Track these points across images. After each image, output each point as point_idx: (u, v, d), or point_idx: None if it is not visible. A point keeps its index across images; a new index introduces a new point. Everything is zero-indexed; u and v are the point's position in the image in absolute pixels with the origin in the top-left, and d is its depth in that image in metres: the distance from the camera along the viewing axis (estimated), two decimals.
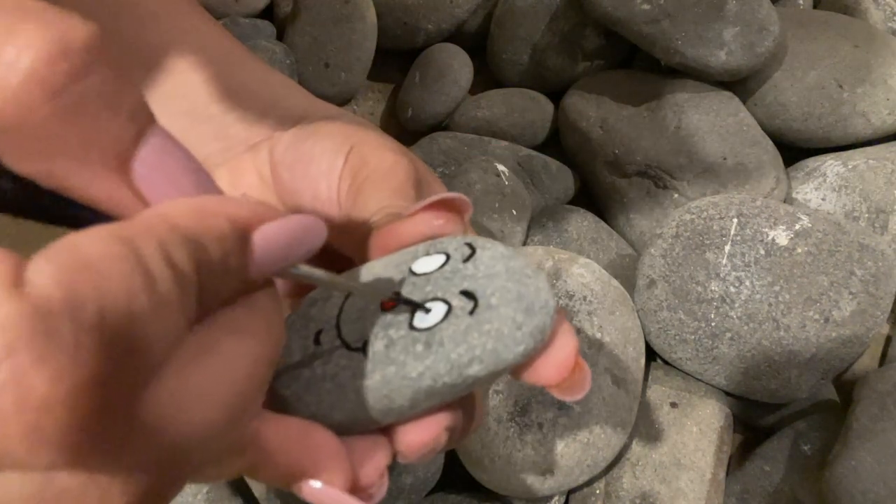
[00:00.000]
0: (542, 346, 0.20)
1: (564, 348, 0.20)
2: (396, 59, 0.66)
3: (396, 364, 0.19)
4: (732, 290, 0.46)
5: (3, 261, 0.12)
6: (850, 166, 0.55)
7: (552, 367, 0.20)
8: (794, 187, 0.56)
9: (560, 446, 0.41)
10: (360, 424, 0.20)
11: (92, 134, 0.15)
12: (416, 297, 0.20)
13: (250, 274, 0.17)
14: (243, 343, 0.16)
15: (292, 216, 0.17)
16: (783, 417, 0.49)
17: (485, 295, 0.20)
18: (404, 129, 0.63)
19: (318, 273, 0.19)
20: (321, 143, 0.28)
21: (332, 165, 0.28)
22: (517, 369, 0.20)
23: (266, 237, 0.17)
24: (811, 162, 0.57)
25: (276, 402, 0.21)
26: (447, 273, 0.21)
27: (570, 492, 0.45)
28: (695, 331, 0.46)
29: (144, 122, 0.17)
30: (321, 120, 0.30)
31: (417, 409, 0.20)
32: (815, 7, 0.68)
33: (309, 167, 0.28)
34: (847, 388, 0.49)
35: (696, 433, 0.45)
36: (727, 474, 0.47)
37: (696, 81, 0.56)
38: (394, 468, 0.41)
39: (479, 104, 0.60)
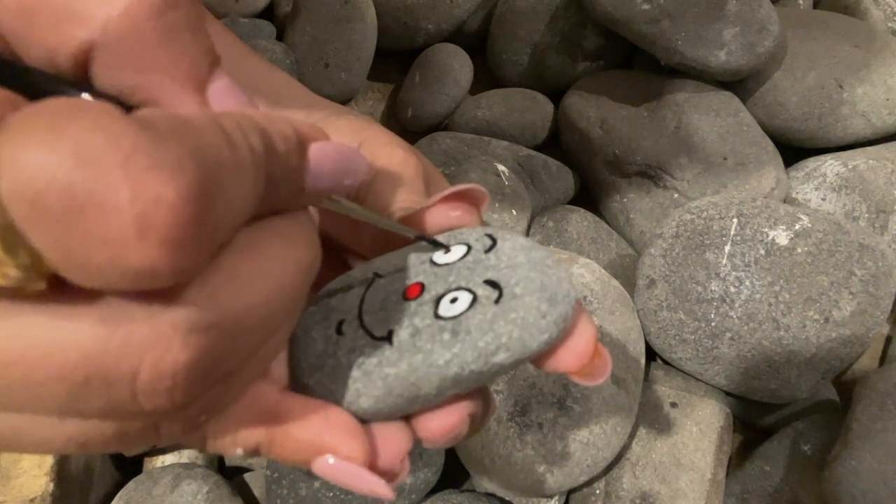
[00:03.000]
0: (564, 334, 0.20)
1: (584, 335, 0.21)
2: (396, 59, 0.66)
3: (423, 352, 0.20)
4: (732, 290, 0.46)
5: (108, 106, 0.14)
6: (850, 166, 0.55)
7: (573, 355, 0.20)
8: (794, 187, 0.56)
9: (560, 446, 0.41)
10: (386, 412, 0.20)
11: (180, 55, 0.18)
12: (439, 287, 0.21)
13: (305, 183, 0.18)
14: (290, 247, 0.18)
15: (344, 143, 0.19)
16: (783, 417, 0.49)
17: (509, 284, 0.20)
18: (404, 129, 0.63)
19: (357, 207, 0.19)
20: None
21: None
22: (539, 357, 0.21)
23: (321, 150, 0.18)
24: (811, 162, 0.57)
25: (300, 389, 0.21)
26: (469, 263, 0.21)
27: (570, 492, 0.45)
28: (695, 331, 0.46)
29: (215, 59, 0.19)
30: (330, 116, 0.30)
31: (442, 397, 0.21)
32: (815, 7, 0.68)
33: None
34: (847, 388, 0.49)
35: (696, 433, 0.45)
36: (727, 474, 0.47)
37: (696, 81, 0.56)
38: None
39: (479, 104, 0.60)
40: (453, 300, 0.20)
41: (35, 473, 0.37)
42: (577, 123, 0.58)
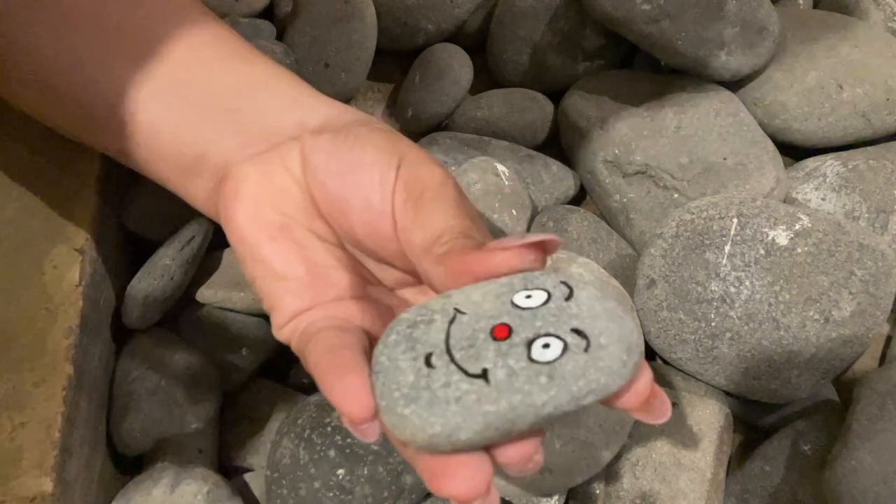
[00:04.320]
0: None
1: (643, 378, 0.24)
2: (396, 59, 0.66)
3: (522, 393, 0.22)
4: (732, 290, 0.46)
5: None
6: (850, 166, 0.55)
7: (634, 395, 0.23)
8: (794, 187, 0.56)
9: (560, 446, 0.41)
10: (478, 444, 0.23)
11: None
12: (528, 331, 0.23)
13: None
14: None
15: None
16: (783, 417, 0.49)
17: (594, 334, 0.22)
18: (404, 129, 0.63)
19: None
20: (370, 153, 0.29)
21: (384, 177, 0.29)
22: (607, 398, 0.23)
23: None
24: (811, 162, 0.57)
25: (396, 418, 0.23)
26: (553, 310, 0.23)
27: (570, 492, 0.45)
28: (695, 331, 0.46)
29: None
30: (361, 127, 0.31)
31: (529, 432, 0.23)
32: (815, 7, 0.68)
33: (359, 176, 0.29)
34: (847, 388, 0.49)
35: (696, 433, 0.45)
36: (727, 474, 0.47)
37: (696, 81, 0.56)
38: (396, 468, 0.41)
39: (479, 104, 0.60)
40: (545, 345, 0.22)
41: (35, 473, 0.37)
42: (577, 123, 0.58)
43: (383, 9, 0.62)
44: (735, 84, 0.57)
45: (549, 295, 0.24)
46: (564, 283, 0.24)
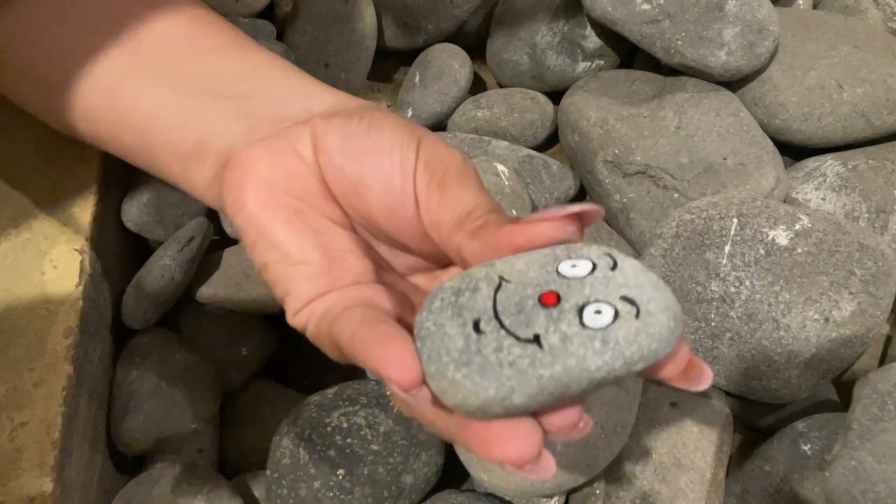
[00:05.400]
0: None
1: (683, 348, 0.24)
2: (396, 59, 0.66)
3: (577, 357, 0.22)
4: (732, 290, 0.46)
5: None
6: (850, 166, 0.55)
7: (675, 364, 0.24)
8: (794, 187, 0.56)
9: (560, 446, 0.41)
10: (532, 408, 0.23)
11: None
12: (578, 298, 0.23)
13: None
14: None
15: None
16: (783, 417, 0.49)
17: (643, 302, 0.23)
18: None
19: None
20: (389, 135, 0.29)
21: (405, 158, 0.29)
22: (651, 367, 0.24)
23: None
24: (811, 162, 0.57)
25: (447, 382, 0.23)
26: (601, 279, 0.24)
27: (570, 492, 0.45)
28: (695, 331, 0.46)
29: None
30: (373, 111, 0.31)
31: (579, 397, 0.23)
32: (815, 7, 0.68)
33: (378, 159, 0.29)
34: (847, 388, 0.49)
35: (696, 433, 0.45)
36: (727, 474, 0.47)
37: (696, 81, 0.56)
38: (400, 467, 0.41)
39: (479, 104, 0.60)
40: (597, 311, 0.23)
41: (35, 473, 0.37)
42: (577, 123, 0.58)
43: (383, 9, 0.62)
44: (735, 84, 0.57)
45: (594, 265, 0.24)
46: (608, 254, 0.24)
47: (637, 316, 0.23)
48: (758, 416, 0.50)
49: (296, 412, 0.44)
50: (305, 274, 0.29)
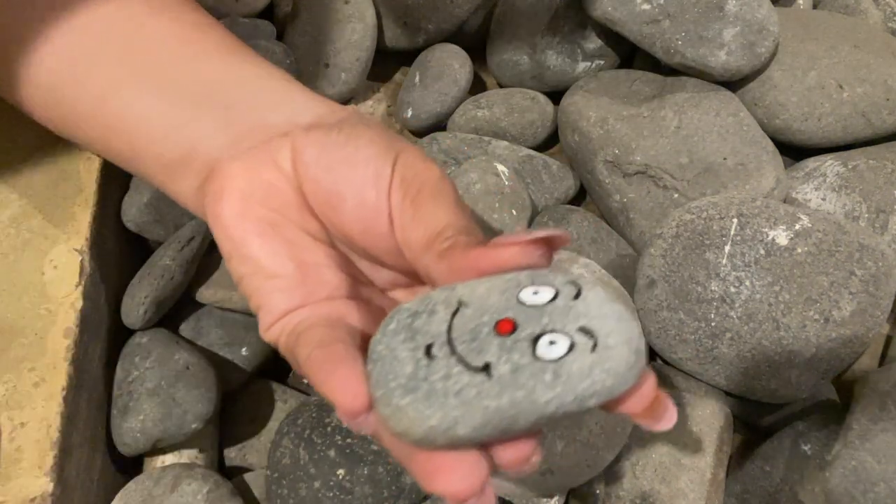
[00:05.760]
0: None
1: (648, 382, 0.23)
2: (396, 59, 0.66)
3: (526, 389, 0.21)
4: (732, 290, 0.46)
5: None
6: (850, 166, 0.55)
7: (637, 400, 0.23)
8: (794, 187, 0.56)
9: (560, 446, 0.41)
10: (476, 440, 0.22)
11: None
12: (534, 327, 0.22)
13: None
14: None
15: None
16: (783, 417, 0.49)
17: (602, 334, 0.22)
18: (404, 129, 0.63)
19: None
20: (364, 149, 0.29)
21: (379, 173, 0.28)
22: (610, 402, 0.23)
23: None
24: (811, 162, 0.57)
25: (391, 409, 0.22)
26: (560, 308, 0.23)
27: (570, 492, 0.45)
28: (695, 331, 0.46)
29: None
30: (354, 123, 0.30)
31: (529, 431, 0.22)
32: (815, 7, 0.68)
33: (353, 171, 0.29)
34: (847, 388, 0.49)
35: (696, 433, 0.45)
36: (727, 474, 0.47)
37: (696, 81, 0.56)
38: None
39: (479, 104, 0.60)
40: (551, 342, 0.22)
41: (35, 473, 0.37)
42: (577, 123, 0.58)
43: (383, 9, 0.62)
44: (735, 84, 0.57)
45: (557, 292, 0.23)
46: (573, 282, 0.23)
47: (594, 349, 0.21)
48: (758, 416, 0.50)
49: (296, 412, 0.44)
50: (278, 287, 0.29)
